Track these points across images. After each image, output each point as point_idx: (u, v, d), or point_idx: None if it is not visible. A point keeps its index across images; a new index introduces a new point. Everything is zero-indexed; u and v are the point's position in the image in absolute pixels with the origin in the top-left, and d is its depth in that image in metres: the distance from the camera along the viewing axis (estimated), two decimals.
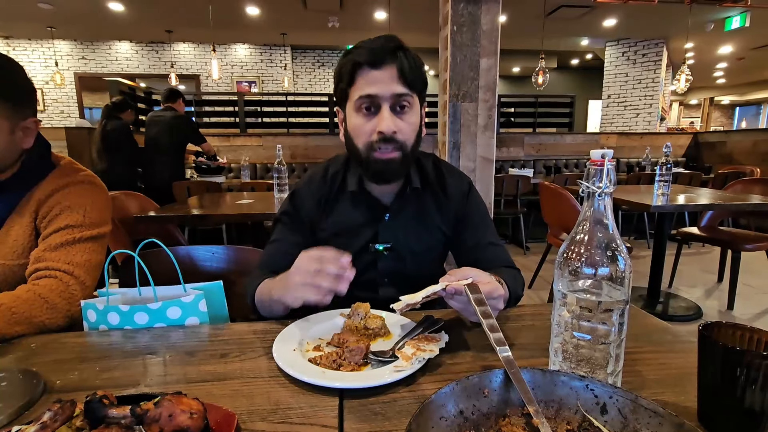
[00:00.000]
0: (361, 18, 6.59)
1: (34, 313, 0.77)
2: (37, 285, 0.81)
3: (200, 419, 0.42)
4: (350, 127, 0.87)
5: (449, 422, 0.42)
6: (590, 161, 0.50)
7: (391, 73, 0.82)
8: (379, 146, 0.83)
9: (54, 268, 0.84)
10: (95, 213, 0.94)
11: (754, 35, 7.17)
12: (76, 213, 0.91)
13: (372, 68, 0.82)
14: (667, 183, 2.41)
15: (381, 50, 0.82)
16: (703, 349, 0.47)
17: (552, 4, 5.80)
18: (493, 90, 2.21)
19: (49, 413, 0.41)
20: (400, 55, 0.82)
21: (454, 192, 0.98)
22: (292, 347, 0.65)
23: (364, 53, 0.82)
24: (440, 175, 0.99)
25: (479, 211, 0.99)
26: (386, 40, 0.83)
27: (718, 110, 14.86)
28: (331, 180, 0.96)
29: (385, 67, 0.82)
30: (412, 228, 0.95)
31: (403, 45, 0.85)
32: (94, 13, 6.27)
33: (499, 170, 5.07)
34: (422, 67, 0.87)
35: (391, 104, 0.83)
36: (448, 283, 0.64)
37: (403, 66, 0.82)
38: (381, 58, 0.81)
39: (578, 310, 0.50)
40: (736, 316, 2.67)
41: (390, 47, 0.82)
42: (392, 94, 0.82)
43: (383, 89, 0.82)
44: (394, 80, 0.82)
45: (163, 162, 3.54)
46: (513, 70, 10.88)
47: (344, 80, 0.85)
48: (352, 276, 0.66)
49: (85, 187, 0.95)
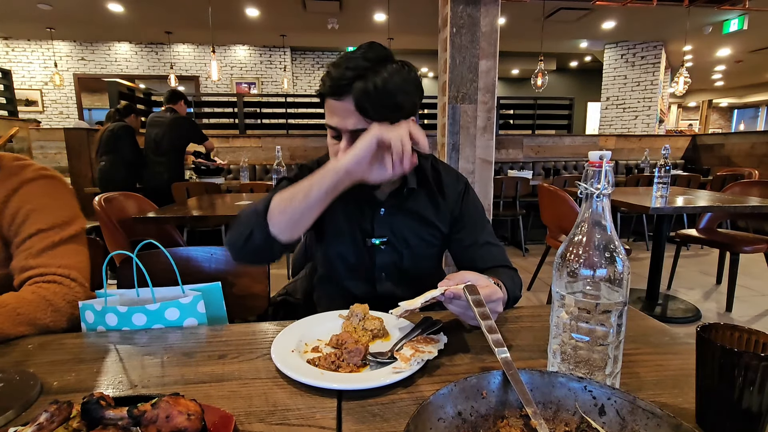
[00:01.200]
0: (360, 20, 6.61)
1: (38, 315, 0.76)
2: (41, 287, 0.79)
3: (197, 420, 0.42)
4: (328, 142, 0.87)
5: (447, 423, 0.42)
6: (588, 163, 0.50)
7: (346, 106, 0.76)
8: None
9: (51, 273, 0.82)
10: (63, 210, 0.89)
11: (752, 38, 7.20)
12: (44, 214, 0.85)
13: (332, 98, 0.78)
14: (666, 185, 2.41)
15: (338, 79, 0.75)
16: (701, 350, 0.47)
17: (551, 7, 5.82)
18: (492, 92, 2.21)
19: (45, 414, 0.41)
20: (358, 87, 0.74)
21: (451, 192, 0.98)
22: (290, 348, 0.65)
23: (327, 80, 0.78)
24: (437, 175, 0.99)
25: (476, 210, 1.00)
26: (347, 68, 0.75)
27: (716, 113, 14.90)
28: None
29: (343, 98, 0.76)
30: (407, 223, 0.96)
31: (374, 67, 0.76)
32: (94, 14, 6.28)
33: (498, 172, 5.08)
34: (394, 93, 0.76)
35: (349, 137, 0.79)
36: (446, 287, 0.64)
37: (360, 98, 0.74)
38: (337, 89, 0.76)
39: (576, 311, 0.50)
40: (735, 318, 2.67)
41: (348, 77, 0.75)
42: (347, 129, 0.78)
43: (341, 122, 0.78)
44: (350, 114, 0.76)
45: (162, 163, 3.54)
46: (512, 72, 10.90)
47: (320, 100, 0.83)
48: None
49: (41, 183, 0.88)
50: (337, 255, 0.97)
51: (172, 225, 2.18)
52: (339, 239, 0.96)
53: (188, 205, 2.46)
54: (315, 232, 0.99)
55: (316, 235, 1.00)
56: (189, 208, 2.31)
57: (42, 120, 7.71)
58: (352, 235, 0.95)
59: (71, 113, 8.07)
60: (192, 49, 8.21)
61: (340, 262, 0.97)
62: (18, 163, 0.89)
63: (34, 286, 0.80)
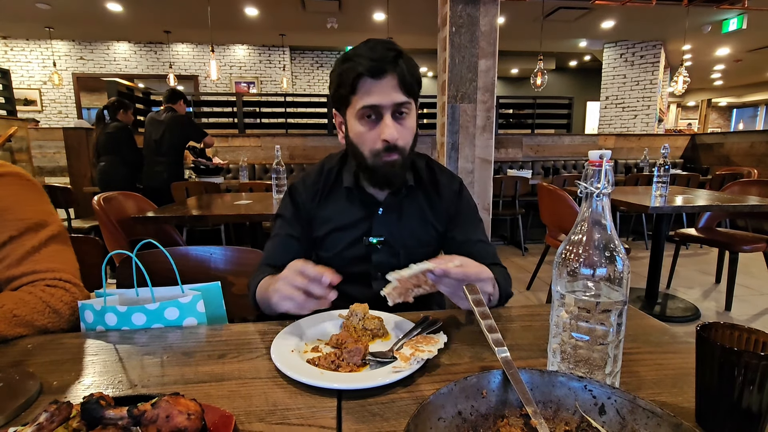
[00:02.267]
0: (359, 19, 6.60)
1: (36, 317, 0.74)
2: (40, 290, 0.77)
3: (197, 420, 0.42)
4: (353, 134, 0.89)
5: (447, 423, 0.42)
6: (588, 162, 0.50)
7: (392, 82, 0.83)
8: (384, 153, 0.86)
9: (41, 279, 0.78)
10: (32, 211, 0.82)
11: (751, 37, 7.21)
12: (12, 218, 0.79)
13: (373, 78, 0.82)
14: (665, 184, 2.41)
15: (382, 60, 0.81)
16: (701, 349, 0.47)
17: (550, 6, 5.82)
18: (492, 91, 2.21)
19: (45, 414, 0.41)
20: (401, 63, 0.83)
21: (446, 191, 1.00)
22: (290, 348, 0.65)
23: (366, 62, 0.81)
24: (432, 174, 1.02)
25: (470, 209, 1.02)
26: (386, 49, 0.83)
27: (715, 112, 14.91)
28: (326, 175, 0.99)
29: (386, 76, 0.82)
30: (405, 223, 0.97)
31: (402, 51, 0.85)
32: (93, 14, 6.26)
33: (497, 171, 5.08)
34: (419, 72, 0.88)
35: (392, 112, 0.84)
36: (436, 264, 0.65)
37: (404, 74, 0.83)
38: (382, 67, 0.81)
39: (576, 310, 0.50)
40: (734, 317, 2.68)
41: (390, 56, 0.82)
42: (393, 104, 0.83)
43: (385, 99, 0.83)
44: (395, 89, 0.83)
45: (162, 163, 3.53)
46: (511, 71, 10.90)
47: (345, 87, 0.85)
48: (333, 297, 0.66)
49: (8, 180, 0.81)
50: (334, 254, 0.98)
51: (172, 225, 2.18)
52: (337, 241, 0.97)
53: (187, 205, 2.45)
54: (315, 230, 1.00)
55: (314, 241, 1.00)
56: (188, 208, 2.30)
57: (41, 119, 7.70)
58: (350, 234, 0.96)
59: (70, 113, 8.06)
60: (191, 49, 8.20)
61: (337, 261, 0.98)
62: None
63: (31, 286, 0.78)
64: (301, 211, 0.98)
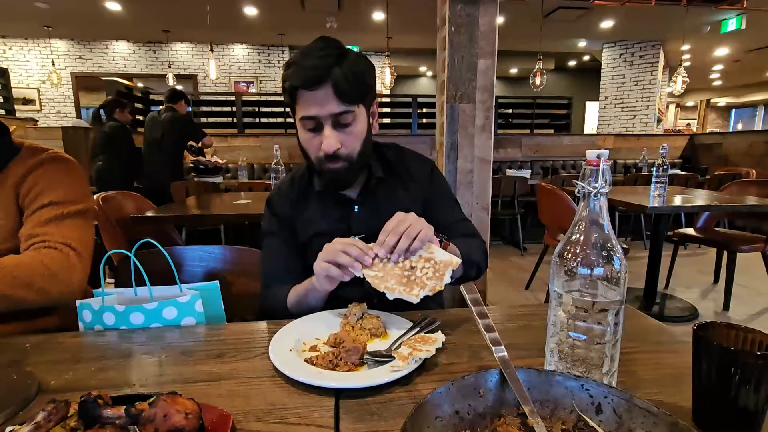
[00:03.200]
0: (359, 19, 6.60)
1: (34, 279, 0.80)
2: (39, 252, 0.85)
3: (195, 419, 0.42)
4: (301, 140, 0.90)
5: (445, 422, 0.42)
6: (586, 161, 0.50)
7: (327, 92, 0.80)
8: (326, 163, 0.87)
9: (51, 240, 0.87)
10: (75, 188, 0.96)
11: (750, 37, 7.22)
12: (57, 191, 0.92)
13: (308, 89, 0.80)
14: (664, 184, 2.41)
15: (314, 69, 0.79)
16: (698, 349, 0.47)
17: (549, 6, 5.82)
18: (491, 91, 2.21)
19: (43, 413, 0.41)
20: (335, 72, 0.79)
21: (419, 174, 1.02)
22: (288, 347, 0.65)
23: (300, 74, 0.79)
24: (403, 161, 1.02)
25: (444, 190, 1.04)
26: (322, 56, 0.80)
27: (714, 112, 14.93)
28: (297, 183, 1.00)
29: (320, 87, 0.79)
30: (383, 215, 0.96)
31: (344, 54, 0.82)
32: (91, 13, 6.25)
33: (496, 171, 5.08)
34: (365, 74, 0.84)
35: (332, 122, 0.83)
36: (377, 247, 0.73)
37: (339, 83, 0.79)
38: (315, 78, 0.79)
39: (574, 310, 0.50)
40: (732, 317, 2.68)
41: (324, 65, 0.79)
42: (331, 114, 0.82)
43: (321, 110, 0.81)
44: (330, 100, 0.80)
45: (161, 162, 3.52)
46: (510, 71, 10.90)
47: (287, 97, 0.86)
48: (371, 256, 0.73)
49: (57, 163, 0.96)
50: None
51: (170, 224, 2.18)
52: (319, 243, 0.96)
53: (186, 205, 2.45)
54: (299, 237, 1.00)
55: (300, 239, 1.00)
56: (187, 208, 2.30)
57: (39, 119, 7.68)
58: (331, 236, 0.95)
59: (69, 112, 8.04)
60: (190, 48, 8.19)
61: None
62: (37, 147, 0.98)
63: (32, 250, 0.85)
64: (282, 220, 0.99)
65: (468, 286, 0.63)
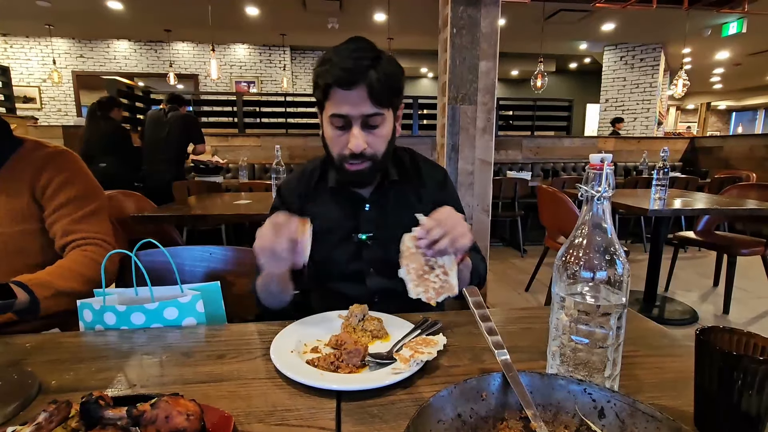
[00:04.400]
0: (360, 20, 6.60)
1: (87, 272, 0.94)
2: (87, 251, 0.99)
3: (197, 421, 0.42)
4: (326, 136, 0.91)
5: (447, 425, 0.42)
6: (589, 165, 0.50)
7: (360, 93, 0.81)
8: (350, 161, 0.87)
9: (92, 238, 1.01)
10: (90, 182, 1.08)
11: (750, 41, 7.23)
12: (77, 185, 1.03)
13: (342, 88, 0.81)
14: (664, 187, 2.41)
15: (352, 71, 0.80)
16: (700, 353, 0.47)
17: (551, 8, 5.82)
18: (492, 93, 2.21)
19: (44, 414, 0.40)
20: (371, 75, 0.80)
21: (430, 181, 1.02)
22: (289, 349, 0.64)
23: (336, 72, 0.80)
24: (417, 166, 1.04)
25: (453, 199, 1.05)
26: (357, 58, 0.81)
27: (714, 115, 14.93)
28: (309, 176, 1.01)
29: (355, 87, 0.81)
30: (392, 217, 0.98)
31: (379, 56, 0.83)
32: (93, 11, 6.25)
33: (497, 173, 5.08)
34: (397, 79, 0.86)
35: (361, 122, 0.84)
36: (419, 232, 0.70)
37: (374, 85, 0.81)
38: (351, 79, 0.80)
39: (576, 313, 0.50)
40: (732, 321, 2.68)
41: (362, 66, 0.80)
42: (362, 115, 0.83)
43: (353, 110, 0.83)
44: (363, 101, 0.82)
45: (165, 162, 3.51)
46: (512, 73, 10.91)
47: (318, 93, 0.87)
48: (307, 243, 0.71)
49: (68, 158, 1.05)
50: (326, 254, 0.98)
51: (171, 224, 2.18)
52: (327, 238, 0.97)
53: (186, 204, 2.45)
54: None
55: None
56: (187, 207, 2.30)
57: (40, 117, 7.68)
58: (339, 233, 0.97)
59: (69, 110, 8.04)
60: (191, 48, 8.19)
61: (329, 261, 0.98)
62: (41, 141, 1.06)
63: (80, 250, 0.98)
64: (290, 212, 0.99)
65: (470, 289, 0.63)
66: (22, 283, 0.84)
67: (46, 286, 0.86)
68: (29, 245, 1.00)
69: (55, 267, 0.93)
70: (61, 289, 0.88)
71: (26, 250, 1.00)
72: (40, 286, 0.85)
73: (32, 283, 0.84)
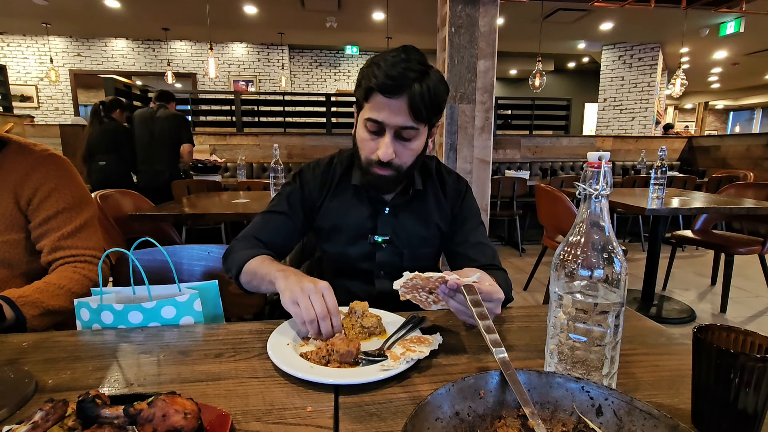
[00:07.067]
0: (359, 18, 6.59)
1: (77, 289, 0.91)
2: (77, 267, 0.95)
3: (194, 419, 0.42)
4: (357, 136, 0.90)
5: (445, 423, 0.42)
6: (587, 164, 0.50)
7: (400, 104, 0.80)
8: (376, 166, 0.87)
9: (80, 255, 0.96)
10: (79, 189, 1.00)
11: (748, 41, 7.24)
12: (66, 194, 0.96)
13: (384, 95, 0.80)
14: (662, 186, 2.42)
15: (397, 80, 0.79)
16: (697, 351, 0.47)
17: (549, 7, 5.82)
18: (491, 92, 2.21)
19: (40, 413, 0.40)
20: (415, 88, 0.79)
21: (452, 192, 1.02)
22: (286, 342, 0.66)
23: (381, 78, 0.79)
24: (441, 175, 1.03)
25: (472, 212, 1.03)
26: (405, 69, 0.79)
27: (712, 115, 14.98)
28: (335, 169, 1.00)
29: (397, 97, 0.80)
30: (410, 224, 0.98)
31: (427, 71, 0.81)
32: (90, 10, 6.23)
33: (495, 172, 5.08)
34: (440, 97, 0.84)
35: (394, 132, 0.84)
36: (449, 277, 0.63)
37: (415, 99, 0.79)
38: (395, 89, 0.79)
39: (574, 311, 0.50)
40: (729, 319, 2.69)
41: (408, 78, 0.79)
42: (397, 125, 0.83)
43: (389, 119, 0.82)
44: (402, 112, 0.81)
45: (162, 161, 3.49)
46: (510, 72, 10.91)
47: (360, 91, 0.86)
48: (337, 323, 0.66)
49: (55, 163, 0.98)
50: (339, 252, 0.98)
51: (169, 223, 2.17)
52: (342, 236, 0.98)
53: (184, 203, 2.45)
54: (316, 231, 1.00)
55: (319, 233, 1.01)
56: (184, 206, 2.30)
57: (37, 116, 7.65)
58: (355, 232, 0.97)
59: (66, 109, 8.01)
60: (189, 46, 8.17)
61: (341, 258, 0.98)
62: (28, 143, 0.98)
63: (71, 267, 0.94)
64: (306, 197, 0.98)
65: (468, 288, 0.62)
66: (11, 300, 0.80)
67: (35, 305, 0.83)
68: (13, 256, 0.94)
69: (46, 284, 0.88)
70: (50, 308, 0.85)
71: (10, 261, 0.93)
72: (29, 305, 0.82)
73: (21, 301, 0.81)
